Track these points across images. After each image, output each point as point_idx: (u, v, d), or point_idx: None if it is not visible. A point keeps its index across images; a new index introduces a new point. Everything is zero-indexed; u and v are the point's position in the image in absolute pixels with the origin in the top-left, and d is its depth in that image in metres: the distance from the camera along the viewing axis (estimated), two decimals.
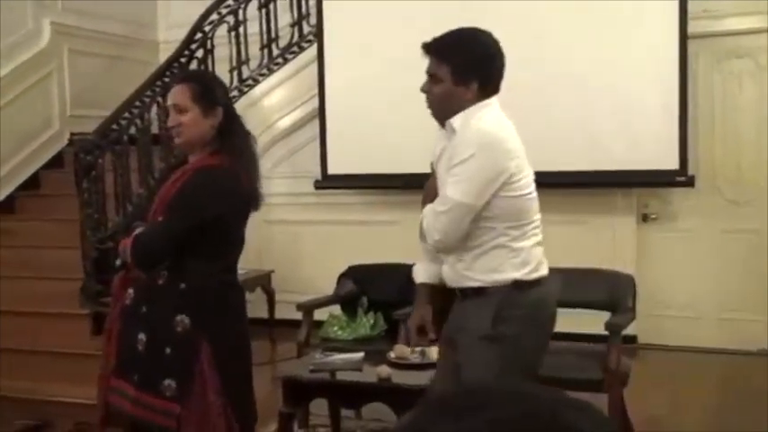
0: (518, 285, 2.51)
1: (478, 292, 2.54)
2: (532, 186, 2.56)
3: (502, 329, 2.51)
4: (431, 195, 2.63)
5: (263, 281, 6.04)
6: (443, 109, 2.57)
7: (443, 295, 2.70)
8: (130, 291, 2.73)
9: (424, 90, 2.61)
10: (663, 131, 5.24)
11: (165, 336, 2.62)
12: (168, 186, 2.75)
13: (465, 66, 2.54)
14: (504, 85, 2.62)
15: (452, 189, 2.47)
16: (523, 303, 2.53)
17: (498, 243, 2.50)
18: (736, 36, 5.52)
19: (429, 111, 2.63)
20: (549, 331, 2.67)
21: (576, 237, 5.61)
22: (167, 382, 2.61)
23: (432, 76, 2.58)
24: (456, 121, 2.54)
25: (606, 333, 3.69)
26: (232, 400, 2.66)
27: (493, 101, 2.58)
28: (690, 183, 5.31)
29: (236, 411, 2.68)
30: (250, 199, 2.74)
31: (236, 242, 2.78)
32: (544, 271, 2.59)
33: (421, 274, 2.77)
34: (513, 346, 2.52)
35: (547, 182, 5.44)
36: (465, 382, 2.46)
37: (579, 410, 0.66)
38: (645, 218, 5.75)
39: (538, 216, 2.59)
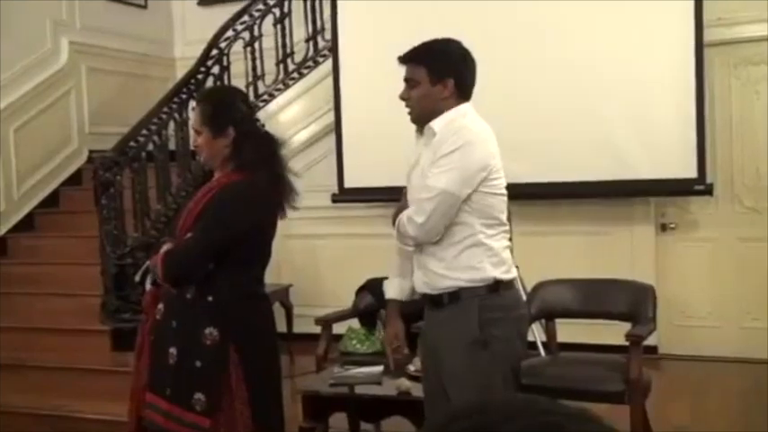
0: (495, 287, 2.59)
1: (454, 296, 2.59)
2: (505, 190, 2.67)
3: (489, 332, 2.57)
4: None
5: (282, 295, 6.04)
6: (424, 110, 2.63)
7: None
8: (160, 306, 2.76)
9: (403, 97, 2.66)
10: (680, 140, 5.21)
11: (195, 349, 2.64)
12: (195, 203, 2.79)
13: (440, 64, 2.63)
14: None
15: (437, 178, 2.53)
16: (502, 305, 2.61)
17: (476, 240, 2.58)
18: (751, 43, 5.49)
19: (410, 117, 2.69)
20: (525, 333, 2.78)
21: (595, 247, 5.59)
22: (197, 395, 2.63)
23: (409, 81, 2.65)
24: (436, 124, 2.60)
25: (627, 344, 3.66)
26: (259, 413, 2.67)
27: (470, 109, 2.66)
28: (708, 191, 5.27)
29: (264, 424, 2.69)
30: (276, 210, 2.76)
31: (263, 254, 2.80)
32: (515, 273, 2.71)
33: (390, 290, 2.85)
34: (502, 348, 2.60)
35: (564, 192, 5.52)
36: (463, 395, 2.48)
37: (587, 422, 0.65)
38: (663, 227, 5.71)
39: (506, 222, 2.69)
